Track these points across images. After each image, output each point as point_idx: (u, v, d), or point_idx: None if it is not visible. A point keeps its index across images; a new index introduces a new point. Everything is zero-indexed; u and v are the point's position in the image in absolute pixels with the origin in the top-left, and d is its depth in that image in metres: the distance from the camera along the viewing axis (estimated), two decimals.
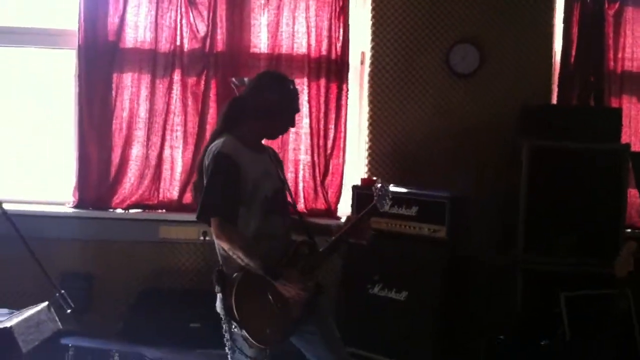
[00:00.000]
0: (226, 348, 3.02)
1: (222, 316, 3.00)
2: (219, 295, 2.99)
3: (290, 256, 3.08)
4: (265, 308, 2.97)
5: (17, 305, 4.11)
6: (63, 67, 5.16)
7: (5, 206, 3.76)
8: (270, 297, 2.98)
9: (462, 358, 4.13)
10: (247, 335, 2.90)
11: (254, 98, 3.08)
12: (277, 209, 3.10)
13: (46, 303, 3.90)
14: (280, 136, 3.37)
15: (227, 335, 3.00)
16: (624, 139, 5.00)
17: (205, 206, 2.96)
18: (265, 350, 2.99)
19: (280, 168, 3.28)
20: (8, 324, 3.49)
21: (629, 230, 5.02)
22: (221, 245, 2.97)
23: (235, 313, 2.89)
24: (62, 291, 3.63)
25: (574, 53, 5.18)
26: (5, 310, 3.88)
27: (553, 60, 5.25)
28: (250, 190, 2.99)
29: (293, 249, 3.11)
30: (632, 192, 4.87)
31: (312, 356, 3.20)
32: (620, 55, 5.25)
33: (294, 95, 3.14)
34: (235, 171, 2.95)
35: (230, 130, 3.07)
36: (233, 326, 2.92)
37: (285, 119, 3.13)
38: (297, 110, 3.18)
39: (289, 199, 3.24)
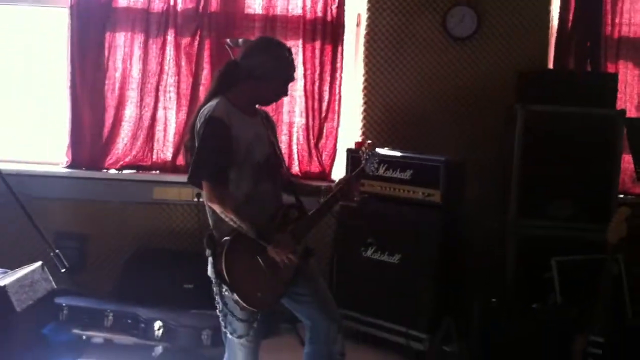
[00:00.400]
0: (217, 311, 3.04)
1: (212, 280, 3.01)
2: (210, 259, 2.99)
3: (280, 220, 3.09)
4: (255, 271, 2.99)
5: (11, 265, 4.11)
6: (55, 26, 5.09)
7: None
8: (260, 260, 2.99)
9: (456, 321, 4.15)
10: (237, 298, 2.91)
11: (247, 61, 3.07)
12: (268, 174, 3.11)
13: (40, 262, 3.91)
14: (273, 103, 3.33)
15: (217, 299, 3.01)
16: (620, 105, 5.00)
17: (196, 169, 2.96)
18: (256, 313, 3.00)
19: (273, 131, 3.26)
20: (1, 283, 3.51)
21: (622, 195, 5.04)
22: (213, 209, 2.98)
23: (226, 276, 2.90)
24: (57, 250, 3.64)
25: (571, 18, 5.15)
26: None
27: (550, 25, 5.22)
28: (243, 154, 3.00)
29: (282, 213, 3.12)
30: (626, 157, 4.88)
31: (304, 317, 3.23)
32: (617, 20, 5.22)
33: (289, 62, 3.11)
34: (227, 135, 2.95)
35: (224, 92, 3.06)
36: (224, 289, 2.94)
37: (276, 86, 3.10)
38: (292, 78, 3.15)
39: (280, 162, 3.23)
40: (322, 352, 3.20)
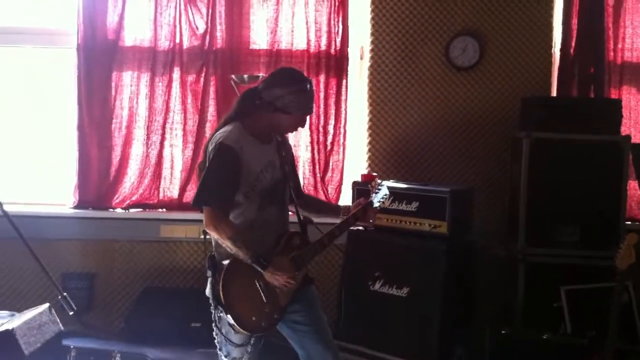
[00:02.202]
0: (213, 333, 3.08)
1: (210, 300, 3.05)
2: (209, 280, 3.03)
3: (282, 246, 3.12)
4: (252, 295, 3.02)
5: (18, 307, 4.14)
6: (62, 67, 5.16)
7: (6, 207, 3.78)
8: (257, 284, 3.02)
9: (466, 352, 4.11)
10: (231, 320, 2.94)
11: (269, 91, 3.08)
12: (275, 200, 3.14)
13: (47, 305, 3.92)
14: (289, 133, 3.34)
15: (214, 319, 3.05)
16: (625, 131, 4.98)
17: (199, 194, 3.03)
18: (250, 337, 3.02)
19: (288, 154, 3.29)
20: (10, 326, 3.51)
21: (629, 222, 5.00)
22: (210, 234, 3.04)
23: (222, 298, 2.94)
24: (65, 293, 3.64)
25: (573, 44, 5.14)
26: (6, 313, 3.90)
27: (553, 52, 5.22)
28: (252, 182, 3.04)
29: (285, 239, 3.15)
30: (632, 184, 4.85)
31: (298, 346, 3.22)
32: (620, 45, 5.20)
33: (308, 95, 3.12)
34: (236, 162, 2.99)
35: (241, 118, 3.10)
36: (220, 311, 2.95)
37: (294, 118, 3.12)
38: (310, 111, 3.17)
39: (287, 188, 3.24)
40: None
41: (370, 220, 3.30)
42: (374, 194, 3.34)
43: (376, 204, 3.33)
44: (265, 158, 3.10)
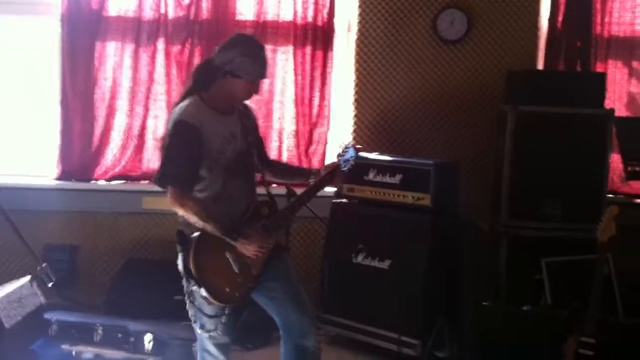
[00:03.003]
0: (186, 306, 3.09)
1: (182, 274, 3.05)
2: (180, 255, 3.03)
3: (250, 216, 3.12)
4: (223, 266, 3.03)
5: None
6: (45, 37, 5.10)
7: None
8: (228, 255, 3.03)
9: (448, 324, 4.13)
10: (205, 293, 2.95)
11: (219, 56, 3.06)
12: (238, 171, 3.12)
13: (28, 277, 3.91)
14: (245, 101, 3.27)
15: (186, 295, 3.06)
16: (609, 104, 4.97)
17: (161, 173, 3.03)
18: (224, 308, 3.03)
19: (252, 124, 3.26)
20: None
21: (611, 195, 5.01)
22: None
23: (194, 271, 2.95)
24: (44, 264, 3.64)
25: (560, 18, 5.12)
26: None
27: (540, 26, 5.19)
28: (214, 156, 3.02)
29: (252, 209, 3.14)
30: (614, 157, 4.86)
31: (275, 314, 3.21)
32: (607, 19, 5.16)
33: (259, 59, 3.09)
34: (195, 138, 2.97)
35: (199, 91, 3.07)
36: (192, 284, 2.96)
37: (245, 82, 3.07)
38: (262, 76, 3.14)
39: (253, 159, 3.23)
40: (296, 348, 3.18)
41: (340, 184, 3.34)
42: (341, 157, 3.34)
43: (343, 167, 3.32)
44: (226, 130, 3.08)
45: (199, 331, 3.09)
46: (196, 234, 2.99)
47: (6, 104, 5.18)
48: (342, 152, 3.35)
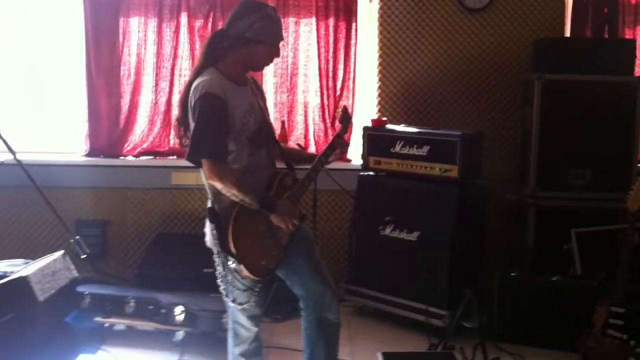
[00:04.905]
0: (218, 281, 3.09)
1: (215, 251, 3.05)
2: (212, 232, 3.01)
3: (277, 187, 3.12)
4: (259, 240, 3.03)
5: (33, 254, 4.19)
6: (70, 13, 5.11)
7: (19, 156, 3.81)
8: (263, 228, 3.03)
9: (476, 295, 4.13)
10: (243, 269, 2.94)
11: (235, 25, 3.02)
12: (262, 142, 3.11)
13: (61, 252, 3.96)
14: (265, 67, 3.26)
15: (220, 270, 3.06)
16: (639, 71, 4.91)
17: (195, 148, 2.95)
18: (257, 280, 3.04)
19: (262, 97, 3.26)
20: (24, 273, 3.54)
21: None
22: (214, 185, 2.98)
23: (234, 249, 2.93)
24: (77, 237, 3.69)
25: None
26: (21, 260, 3.95)
27: None
28: (239, 127, 3.00)
29: (278, 181, 3.14)
30: None
31: (297, 285, 3.21)
32: None
33: (275, 21, 3.07)
34: (224, 110, 2.94)
35: (214, 64, 3.04)
36: (230, 261, 2.96)
37: (267, 47, 3.05)
38: (280, 38, 3.12)
39: (273, 128, 3.26)
40: (318, 320, 3.19)
41: (340, 149, 3.29)
42: (341, 123, 3.37)
43: (339, 131, 3.33)
44: (245, 101, 3.06)
45: (231, 304, 3.09)
46: (229, 210, 2.96)
47: (34, 82, 5.21)
48: (340, 118, 3.37)
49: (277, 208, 3.00)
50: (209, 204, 3.07)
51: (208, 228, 3.06)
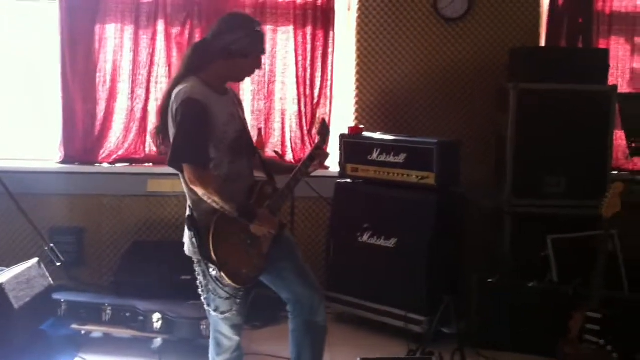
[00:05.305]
0: (199, 290, 3.07)
1: (195, 260, 3.04)
2: (191, 240, 2.99)
3: (257, 196, 3.12)
4: (239, 248, 3.02)
5: (7, 262, 4.14)
6: (45, 19, 5.07)
7: None
8: (243, 237, 3.02)
9: (454, 302, 4.15)
10: (225, 277, 2.93)
11: (218, 39, 3.03)
12: (242, 151, 3.12)
13: (36, 259, 3.92)
14: (247, 78, 3.30)
15: (200, 279, 3.05)
16: (613, 81, 4.98)
17: (176, 153, 2.93)
18: (238, 289, 3.03)
19: (241, 108, 3.28)
20: None
21: (615, 172, 5.03)
22: (195, 191, 2.96)
23: (214, 257, 2.92)
24: (51, 245, 3.65)
25: None
26: None
27: (541, 2, 5.18)
28: (220, 135, 3.00)
29: (258, 190, 3.14)
30: (618, 133, 4.87)
31: (285, 291, 3.22)
32: None
33: (260, 35, 3.10)
34: (205, 116, 2.94)
35: (196, 73, 3.04)
36: (211, 269, 2.95)
37: (250, 60, 3.08)
38: (263, 51, 3.15)
39: (251, 138, 3.27)
40: (306, 323, 3.20)
41: (319, 160, 3.27)
42: (319, 135, 3.35)
43: (318, 142, 3.32)
44: (226, 110, 3.07)
45: (213, 313, 3.07)
46: (208, 218, 2.95)
47: (8, 89, 5.15)
48: (319, 129, 3.36)
49: (256, 217, 3.00)
50: (188, 212, 3.04)
51: (187, 236, 3.04)
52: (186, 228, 3.03)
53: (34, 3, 5.11)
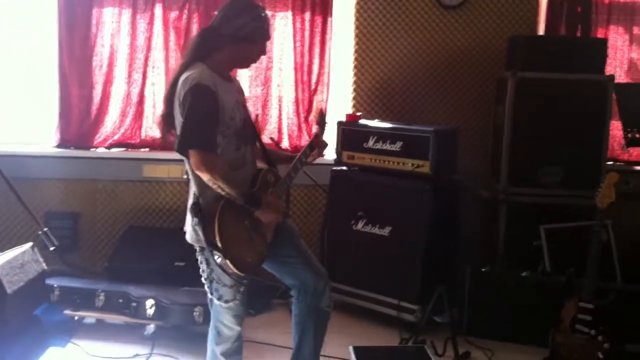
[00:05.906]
0: (202, 279, 3.05)
1: (198, 247, 3.03)
2: (195, 227, 2.97)
3: (260, 183, 3.12)
4: (244, 236, 3.01)
5: (1, 246, 4.14)
6: (43, 3, 5.04)
7: None
8: (247, 224, 3.01)
9: (447, 290, 4.16)
10: (230, 264, 2.91)
11: (226, 25, 3.03)
12: (247, 138, 3.12)
13: (30, 244, 3.91)
14: (253, 64, 3.28)
15: (203, 267, 3.03)
16: (610, 70, 4.96)
17: (185, 138, 2.92)
18: (242, 277, 3.01)
19: (244, 96, 3.28)
20: None
21: (610, 162, 5.02)
22: (201, 177, 2.94)
23: (219, 243, 2.89)
24: (45, 229, 3.64)
25: None
26: None
27: None
28: (227, 121, 2.99)
29: (261, 177, 3.14)
30: (614, 123, 4.86)
31: (290, 277, 3.23)
32: None
33: (267, 21, 3.12)
34: (214, 101, 2.93)
35: (203, 59, 3.03)
36: (216, 256, 2.94)
37: (258, 46, 3.10)
38: (269, 37, 3.16)
39: (254, 126, 3.28)
40: (310, 307, 3.20)
41: (318, 150, 3.33)
42: (318, 125, 3.38)
43: (317, 132, 3.35)
44: (232, 97, 3.07)
45: (216, 302, 3.06)
46: (214, 205, 2.93)
47: (4, 72, 5.13)
48: (317, 120, 3.39)
49: (262, 203, 2.99)
50: (192, 199, 3.03)
51: (189, 224, 3.03)
52: (188, 215, 3.02)
53: None
